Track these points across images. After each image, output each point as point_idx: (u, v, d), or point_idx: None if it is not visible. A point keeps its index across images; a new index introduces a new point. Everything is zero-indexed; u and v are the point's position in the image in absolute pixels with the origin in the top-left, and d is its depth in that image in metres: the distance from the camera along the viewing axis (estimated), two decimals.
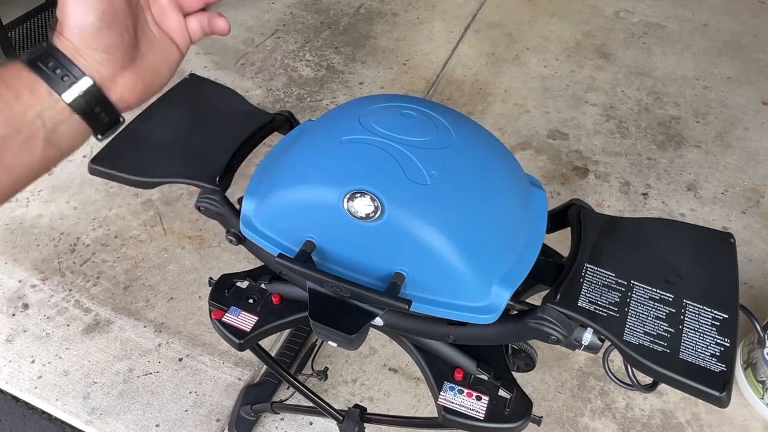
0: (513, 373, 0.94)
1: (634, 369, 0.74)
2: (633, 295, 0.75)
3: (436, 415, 0.90)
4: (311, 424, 1.49)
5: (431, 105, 0.83)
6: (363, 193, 0.72)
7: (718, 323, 0.72)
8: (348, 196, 0.73)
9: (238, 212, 0.91)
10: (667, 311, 0.73)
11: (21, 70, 0.46)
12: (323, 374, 1.41)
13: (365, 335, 0.81)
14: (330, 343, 0.81)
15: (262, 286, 1.01)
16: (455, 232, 0.73)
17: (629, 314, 0.73)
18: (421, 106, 0.82)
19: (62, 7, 0.48)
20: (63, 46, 0.48)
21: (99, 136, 0.50)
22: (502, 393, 0.89)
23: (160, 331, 1.68)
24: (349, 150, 0.77)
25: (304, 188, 0.79)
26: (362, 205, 0.73)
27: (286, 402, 1.40)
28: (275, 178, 0.84)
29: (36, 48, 0.48)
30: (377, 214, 0.72)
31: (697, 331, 0.71)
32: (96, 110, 0.49)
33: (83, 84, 0.48)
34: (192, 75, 1.12)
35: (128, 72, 0.51)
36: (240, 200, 0.94)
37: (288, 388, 1.52)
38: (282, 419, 1.50)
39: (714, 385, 0.66)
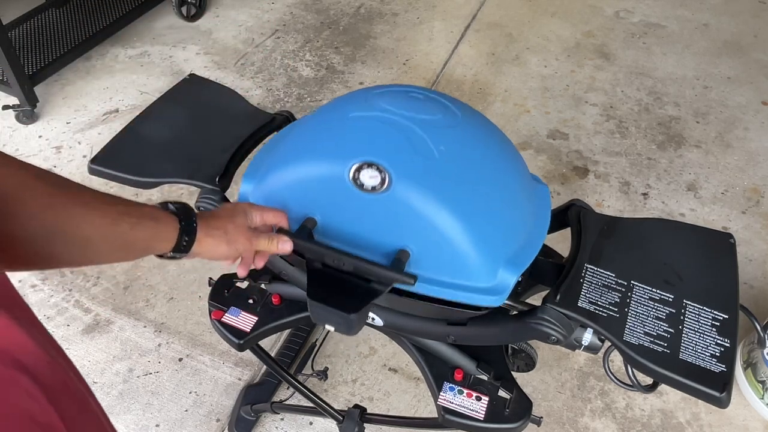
0: (513, 373, 0.94)
1: (634, 369, 0.74)
2: (633, 296, 0.75)
3: (436, 416, 0.90)
4: (311, 424, 1.49)
5: (436, 92, 0.83)
6: (370, 165, 0.71)
7: (718, 323, 0.72)
8: (355, 167, 0.72)
9: None
10: (667, 312, 0.73)
11: (175, 227, 0.66)
12: (323, 374, 1.41)
13: (365, 319, 0.79)
14: (328, 327, 0.78)
15: (262, 286, 1.01)
16: (462, 208, 0.72)
17: (629, 314, 0.73)
18: (427, 92, 0.82)
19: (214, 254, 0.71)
20: (201, 231, 0.68)
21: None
22: (502, 393, 0.89)
23: (160, 331, 1.68)
24: (358, 125, 0.77)
25: (310, 162, 0.77)
26: (369, 177, 0.71)
27: (286, 402, 1.40)
28: (278, 158, 0.83)
29: (191, 219, 0.67)
30: (384, 186, 0.71)
31: (697, 331, 0.71)
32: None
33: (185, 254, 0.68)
34: (192, 75, 1.12)
35: None
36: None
37: (288, 388, 1.52)
38: (282, 419, 1.50)
39: (714, 386, 0.66)
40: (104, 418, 0.59)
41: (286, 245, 0.75)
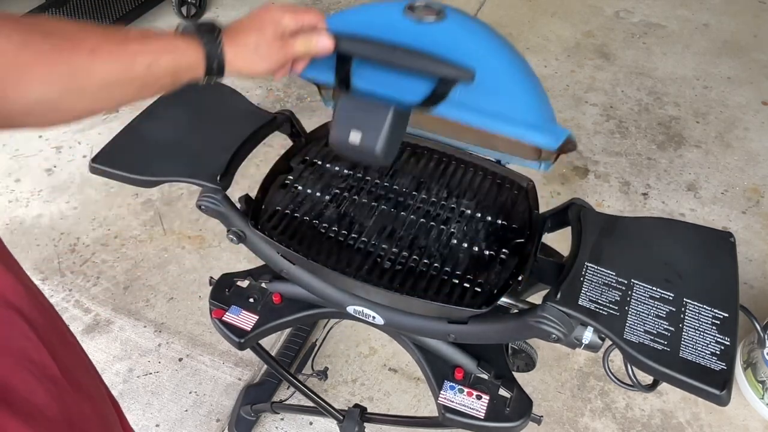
0: (513, 373, 0.94)
1: (634, 369, 0.74)
2: (633, 294, 0.75)
3: (437, 415, 0.90)
4: (311, 424, 1.49)
5: None
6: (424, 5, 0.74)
7: (718, 322, 0.72)
8: (408, 4, 0.74)
9: (239, 211, 0.91)
10: (668, 310, 0.73)
11: (198, 54, 0.63)
12: (323, 374, 1.41)
13: (402, 131, 0.74)
14: (352, 136, 0.73)
15: (263, 285, 1.01)
16: (510, 50, 0.76)
17: (630, 313, 0.73)
18: None
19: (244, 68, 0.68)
20: (230, 51, 0.66)
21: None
22: (502, 392, 0.89)
23: (160, 331, 1.68)
24: None
25: (359, 9, 0.79)
26: (424, 8, 0.74)
27: (286, 402, 1.40)
28: None
29: (216, 41, 0.65)
30: (439, 17, 0.74)
31: (698, 329, 0.71)
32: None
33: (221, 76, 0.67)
34: None
35: None
36: (241, 199, 0.95)
37: (288, 388, 1.52)
38: (282, 419, 1.50)
39: (714, 384, 0.66)
40: (92, 368, 0.59)
41: (326, 41, 0.71)
